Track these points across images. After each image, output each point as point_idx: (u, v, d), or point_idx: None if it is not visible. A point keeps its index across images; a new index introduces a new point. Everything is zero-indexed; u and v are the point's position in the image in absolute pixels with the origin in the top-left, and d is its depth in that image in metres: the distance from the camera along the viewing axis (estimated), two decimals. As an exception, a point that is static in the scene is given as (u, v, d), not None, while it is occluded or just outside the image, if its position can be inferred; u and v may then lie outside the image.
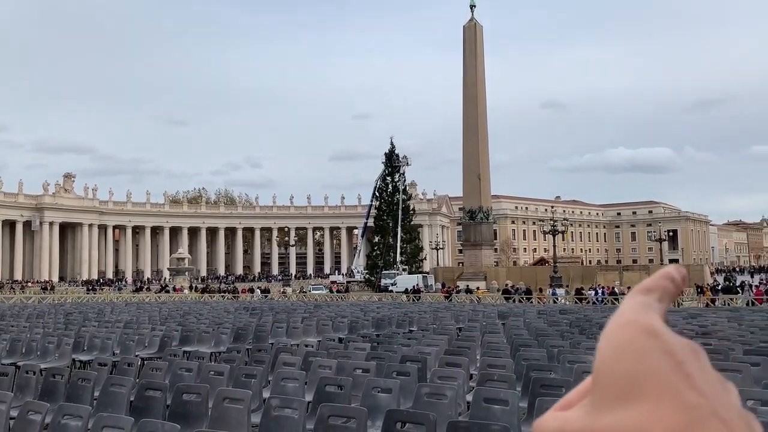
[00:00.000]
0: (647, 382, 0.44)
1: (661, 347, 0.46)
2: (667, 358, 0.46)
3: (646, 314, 0.49)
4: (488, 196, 71.37)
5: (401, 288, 58.58)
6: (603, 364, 0.47)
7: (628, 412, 0.44)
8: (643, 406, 0.44)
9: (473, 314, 23.66)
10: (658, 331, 0.47)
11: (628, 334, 0.47)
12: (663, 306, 0.51)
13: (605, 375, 0.46)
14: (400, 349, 11.48)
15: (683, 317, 20.51)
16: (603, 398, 0.46)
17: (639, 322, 0.48)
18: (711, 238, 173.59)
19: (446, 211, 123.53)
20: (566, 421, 0.47)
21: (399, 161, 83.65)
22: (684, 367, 0.46)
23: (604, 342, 0.48)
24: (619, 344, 0.47)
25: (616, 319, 0.49)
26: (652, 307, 0.50)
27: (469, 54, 70.32)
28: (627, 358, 0.46)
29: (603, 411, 0.45)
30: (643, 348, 0.46)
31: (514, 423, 6.07)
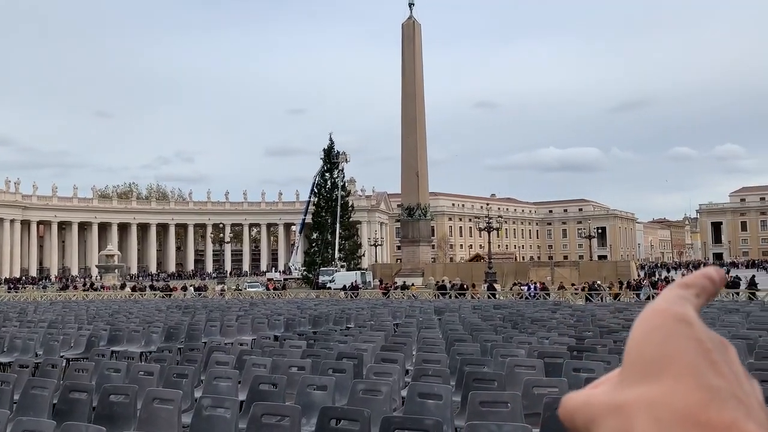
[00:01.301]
0: (673, 362, 0.46)
1: (691, 334, 0.48)
2: (696, 344, 0.48)
3: (682, 304, 0.51)
4: (426, 194, 72.10)
5: (339, 285, 58.35)
6: (633, 345, 0.49)
7: (651, 386, 0.46)
8: (666, 382, 0.46)
9: (410, 310, 23.84)
10: (691, 320, 0.49)
11: (660, 319, 0.49)
12: (699, 301, 0.53)
13: (634, 355, 0.48)
14: (337, 346, 11.44)
15: (611, 311, 21.32)
16: (629, 375, 0.48)
17: (673, 310, 0.50)
18: (637, 235, 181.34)
19: (385, 208, 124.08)
20: (592, 396, 0.50)
21: (338, 157, 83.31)
22: (711, 355, 0.47)
23: (637, 325, 0.50)
24: (651, 327, 0.49)
25: (651, 306, 0.51)
26: (689, 300, 0.52)
27: (407, 51, 70.77)
28: (657, 340, 0.48)
29: (628, 386, 0.47)
30: (673, 332, 0.48)
31: (447, 417, 6.15)
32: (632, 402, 0.46)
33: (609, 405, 0.48)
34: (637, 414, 0.45)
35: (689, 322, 0.49)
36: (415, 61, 70.16)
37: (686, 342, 0.47)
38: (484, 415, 5.97)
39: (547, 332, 13.88)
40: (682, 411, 0.44)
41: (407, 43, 70.77)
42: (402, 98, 71.16)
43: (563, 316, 19.03)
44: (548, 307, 25.39)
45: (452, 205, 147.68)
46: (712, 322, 15.66)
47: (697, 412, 0.43)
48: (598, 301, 38.21)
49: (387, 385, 6.97)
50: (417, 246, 68.96)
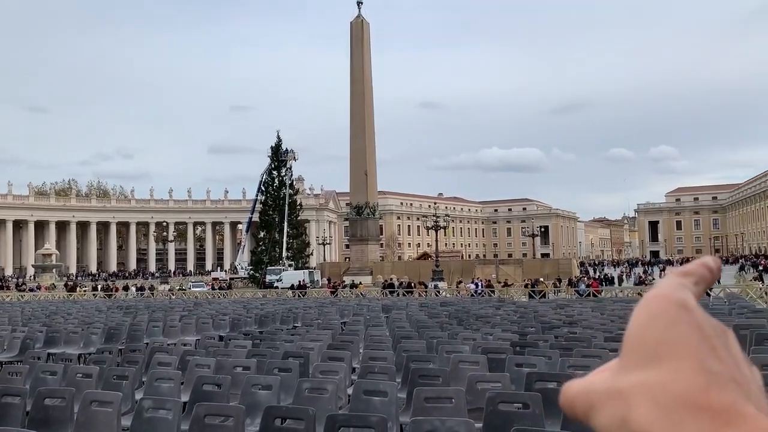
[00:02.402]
0: (673, 348, 0.46)
1: (691, 320, 0.48)
2: (696, 330, 0.48)
3: (681, 291, 0.51)
4: (375, 192, 72.29)
5: (287, 284, 57.86)
6: (633, 331, 0.49)
7: (650, 371, 0.46)
8: (665, 367, 0.46)
9: (358, 309, 23.88)
10: (690, 306, 0.50)
11: (661, 305, 0.49)
12: (698, 290, 0.53)
13: (634, 340, 0.48)
14: (283, 346, 11.37)
15: (552, 308, 21.88)
16: (629, 361, 0.48)
17: (673, 296, 0.50)
18: (578, 233, 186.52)
19: (333, 207, 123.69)
20: (592, 382, 0.50)
21: (286, 155, 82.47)
22: (711, 340, 0.48)
23: (637, 311, 0.50)
24: (652, 313, 0.49)
25: (651, 293, 0.52)
26: (688, 287, 0.52)
27: (356, 50, 70.76)
28: (657, 326, 0.48)
29: (627, 372, 0.47)
30: (674, 318, 0.48)
31: (393, 413, 6.20)
32: (632, 387, 0.46)
33: (608, 391, 0.48)
34: (636, 399, 0.45)
35: (689, 308, 0.49)
36: (364, 59, 70.21)
37: (687, 327, 0.48)
38: (429, 410, 6.05)
39: (492, 328, 14.13)
40: (681, 394, 0.44)
41: (356, 41, 70.77)
42: (351, 97, 71.12)
43: (507, 313, 19.42)
44: (493, 304, 25.86)
45: (401, 204, 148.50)
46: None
47: (697, 395, 0.44)
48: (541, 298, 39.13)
49: (333, 383, 6.97)
50: (365, 245, 69.08)
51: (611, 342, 10.80)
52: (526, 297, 40.32)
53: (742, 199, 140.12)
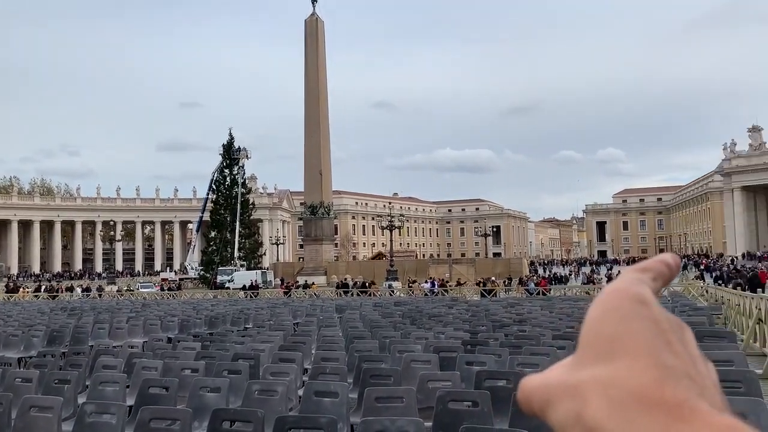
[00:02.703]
0: (629, 342, 0.46)
1: (648, 314, 0.48)
2: (652, 324, 0.48)
3: (639, 286, 0.51)
4: (329, 192, 72.00)
5: (238, 284, 57.11)
6: (589, 325, 0.49)
7: (605, 366, 0.46)
8: (621, 361, 0.45)
9: (311, 309, 23.74)
10: (647, 301, 0.49)
11: (618, 300, 0.49)
12: (656, 285, 0.53)
13: (590, 335, 0.48)
14: (233, 347, 11.20)
15: (503, 306, 22.20)
16: (585, 356, 0.48)
17: (630, 290, 0.50)
18: (529, 233, 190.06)
19: (287, 206, 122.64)
20: (548, 378, 0.49)
21: (238, 153, 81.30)
22: (667, 335, 0.48)
23: (594, 305, 0.50)
24: (608, 308, 0.49)
25: (609, 287, 0.52)
26: (646, 283, 0.52)
27: (310, 48, 70.35)
28: (613, 320, 0.48)
29: (583, 367, 0.47)
30: (630, 312, 0.48)
31: (343, 414, 6.17)
32: (586, 382, 0.46)
33: (564, 386, 0.47)
34: (590, 394, 0.45)
35: (646, 303, 0.49)
36: (318, 57, 69.85)
37: (642, 322, 0.47)
38: (380, 410, 6.05)
39: (444, 327, 14.25)
40: (635, 390, 0.44)
41: (310, 39, 70.35)
42: (305, 96, 70.66)
43: (459, 312, 19.61)
44: (446, 303, 26.08)
45: (355, 204, 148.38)
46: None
47: (651, 390, 0.43)
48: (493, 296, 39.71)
49: (283, 384, 6.90)
50: (320, 244, 68.74)
51: (559, 340, 11.02)
52: (478, 296, 40.84)
53: (685, 200, 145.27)
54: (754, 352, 14.75)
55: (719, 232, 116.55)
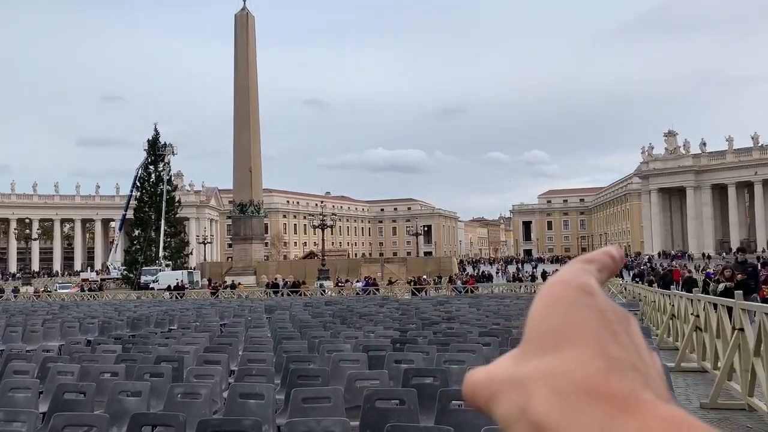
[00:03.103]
0: (574, 332, 0.45)
1: (593, 304, 0.47)
2: (598, 314, 0.47)
3: (584, 276, 0.50)
4: (259, 190, 70.90)
5: (164, 285, 55.43)
6: (534, 316, 0.48)
7: (550, 358, 0.45)
8: (566, 352, 0.45)
9: (239, 310, 23.31)
10: (593, 291, 0.49)
11: (563, 290, 0.48)
12: (601, 276, 0.52)
13: (535, 326, 0.47)
14: (156, 349, 10.85)
15: (433, 304, 22.51)
16: (530, 348, 0.47)
17: (576, 280, 0.49)
18: (459, 233, 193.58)
19: (216, 204, 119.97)
20: (492, 371, 0.48)
21: (163, 149, 78.75)
22: (612, 325, 0.47)
23: (539, 296, 0.49)
24: (553, 298, 0.48)
25: (554, 277, 0.51)
26: (592, 273, 0.51)
27: (240, 43, 69.06)
28: (558, 310, 0.47)
29: (528, 359, 0.46)
30: (575, 302, 0.47)
31: (269, 416, 6.07)
32: (531, 375, 0.45)
33: (508, 379, 0.46)
34: (535, 387, 0.44)
35: (591, 293, 0.48)
36: (249, 53, 68.66)
37: (588, 312, 0.47)
38: (307, 411, 5.99)
39: (374, 326, 14.30)
40: (580, 381, 0.43)
41: (240, 34, 69.06)
42: (235, 91, 69.29)
43: (390, 310, 19.73)
44: (377, 302, 26.19)
45: (287, 203, 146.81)
46: (521, 312, 17.18)
47: (596, 382, 0.43)
48: (423, 294, 40.20)
49: (207, 387, 6.72)
50: (249, 244, 67.58)
51: (485, 336, 11.26)
52: (409, 294, 41.23)
53: (605, 201, 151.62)
54: (668, 346, 15.56)
55: (637, 232, 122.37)
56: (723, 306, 10.82)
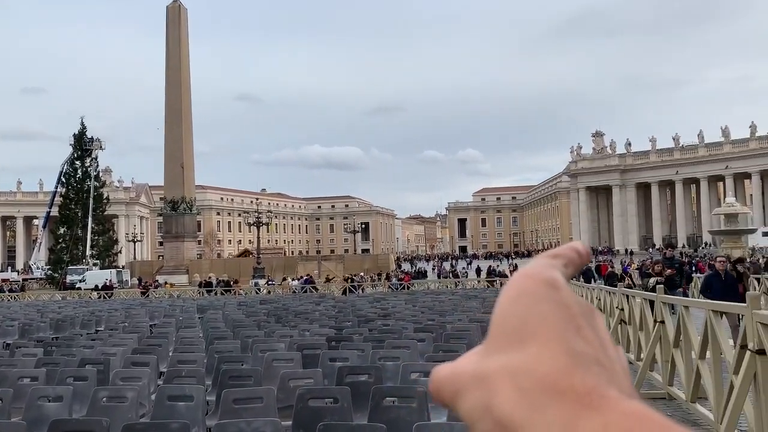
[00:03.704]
0: (539, 327, 0.45)
1: (558, 298, 0.47)
2: (562, 309, 0.47)
3: (550, 270, 0.50)
4: (192, 187, 69.25)
5: (91, 285, 53.35)
6: (499, 312, 0.48)
7: (514, 353, 0.44)
8: (530, 348, 0.44)
9: (170, 309, 22.70)
10: (559, 285, 0.48)
11: (528, 284, 0.48)
12: (568, 272, 0.52)
13: (499, 321, 0.47)
14: (81, 352, 10.42)
15: (369, 301, 22.56)
16: (495, 344, 0.46)
17: (542, 275, 0.49)
18: (396, 230, 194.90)
19: (146, 201, 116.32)
20: (457, 367, 0.47)
21: (91, 144, 75.68)
22: (577, 320, 0.47)
23: (504, 291, 0.49)
24: (518, 291, 0.48)
25: (520, 272, 0.50)
26: (558, 268, 0.51)
27: (172, 36, 67.18)
28: (523, 304, 0.47)
29: (493, 354, 0.46)
30: (540, 296, 0.47)
31: (199, 418, 5.93)
32: (495, 371, 0.44)
33: (473, 375, 0.45)
34: (499, 383, 0.43)
35: (557, 287, 0.48)
36: (181, 46, 66.86)
37: (552, 306, 0.47)
38: (238, 412, 5.87)
39: (310, 324, 14.20)
40: (544, 377, 0.43)
41: (172, 27, 67.18)
42: (166, 85, 67.37)
43: (326, 308, 19.65)
44: (313, 300, 26.03)
45: (221, 200, 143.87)
46: (455, 308, 17.44)
47: (560, 378, 0.42)
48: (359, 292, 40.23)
49: (134, 390, 6.49)
50: (181, 242, 65.90)
51: (420, 332, 11.37)
52: (346, 292, 41.19)
53: (536, 199, 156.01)
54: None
55: (566, 229, 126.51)
56: (645, 300, 11.32)
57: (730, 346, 7.32)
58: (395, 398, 6.20)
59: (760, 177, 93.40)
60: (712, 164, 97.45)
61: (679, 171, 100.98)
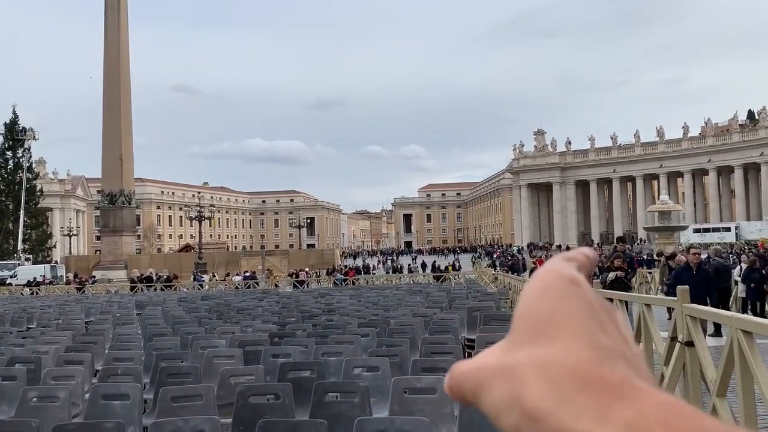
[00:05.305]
0: (565, 322, 0.46)
1: (581, 295, 0.48)
2: (586, 305, 0.48)
3: (570, 269, 0.51)
4: (131, 179, 67.14)
5: (22, 280, 51.20)
6: (523, 306, 0.49)
7: (541, 346, 0.45)
8: (557, 342, 0.45)
9: (107, 306, 22.00)
10: (581, 282, 0.50)
11: (551, 280, 0.49)
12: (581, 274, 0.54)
13: (524, 315, 0.48)
14: (10, 350, 9.97)
15: (314, 297, 22.44)
16: (520, 337, 0.47)
17: (564, 272, 0.50)
18: (342, 225, 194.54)
19: (83, 194, 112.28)
20: (481, 361, 0.48)
21: (23, 134, 72.51)
22: (600, 315, 0.48)
23: (528, 287, 0.50)
24: (542, 287, 0.49)
25: (542, 269, 0.52)
26: (573, 268, 0.53)
27: (111, 22, 64.84)
28: (548, 299, 0.48)
29: (518, 348, 0.46)
30: (564, 292, 0.48)
31: (134, 417, 5.76)
32: (523, 363, 0.45)
33: (499, 368, 0.46)
34: (527, 375, 0.44)
35: (579, 284, 0.49)
36: (120, 31, 64.63)
37: (577, 302, 0.47)
38: (176, 410, 5.74)
39: (252, 320, 14.01)
40: (573, 368, 0.43)
41: (111, 13, 64.83)
42: (104, 74, 65.02)
43: (269, 304, 19.43)
44: (256, 296, 25.70)
45: (161, 193, 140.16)
46: (399, 303, 17.55)
47: (590, 369, 0.43)
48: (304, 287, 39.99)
49: (66, 389, 6.25)
50: (120, 236, 63.85)
51: (365, 327, 11.38)
52: (290, 287, 40.85)
53: (480, 195, 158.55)
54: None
55: (509, 224, 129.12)
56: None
57: (662, 338, 7.62)
58: (338, 393, 6.19)
59: (692, 176, 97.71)
60: (647, 163, 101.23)
61: (617, 169, 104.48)
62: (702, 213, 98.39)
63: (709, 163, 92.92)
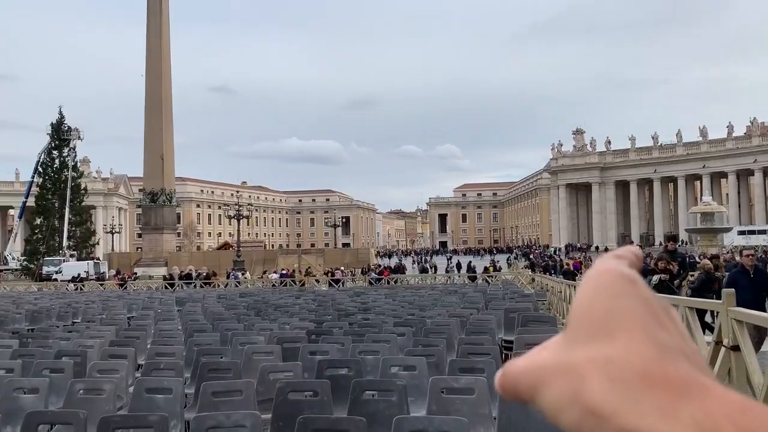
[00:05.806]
0: (624, 320, 0.46)
1: (637, 293, 0.48)
2: (642, 303, 0.47)
3: (624, 266, 0.51)
4: (172, 178, 68.56)
5: (67, 276, 52.66)
6: (581, 303, 0.48)
7: (601, 344, 0.45)
8: (616, 340, 0.45)
9: (149, 302, 22.49)
10: (637, 280, 0.49)
11: (608, 278, 0.49)
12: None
13: (582, 313, 0.47)
14: (57, 344, 10.30)
15: (350, 295, 22.55)
16: (577, 334, 0.47)
17: (619, 270, 0.50)
18: (377, 224, 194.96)
19: (125, 192, 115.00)
20: (537, 359, 0.48)
21: (69, 134, 74.56)
22: (657, 313, 0.48)
23: (583, 285, 0.49)
24: (599, 285, 0.48)
25: (596, 267, 0.51)
26: (626, 266, 0.52)
27: (153, 26, 66.34)
28: (605, 298, 0.47)
29: (576, 346, 0.46)
30: (621, 290, 0.48)
31: (177, 411, 5.89)
32: (583, 361, 0.44)
33: (557, 366, 0.45)
34: (589, 373, 0.44)
35: (635, 282, 0.49)
36: (162, 33, 66.03)
37: (634, 300, 0.47)
38: (217, 405, 5.85)
39: (289, 318, 14.15)
40: (638, 366, 0.43)
41: (153, 16, 66.31)
42: (146, 75, 66.53)
43: (306, 302, 19.60)
44: (293, 294, 25.95)
45: (201, 192, 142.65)
46: (435, 303, 17.50)
47: (653, 367, 0.43)
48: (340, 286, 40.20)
49: (111, 382, 6.43)
50: (160, 234, 65.26)
51: (401, 327, 11.39)
52: (326, 285, 41.12)
53: (517, 195, 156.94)
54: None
55: (546, 225, 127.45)
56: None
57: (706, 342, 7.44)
58: (375, 392, 6.21)
59: (736, 176, 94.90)
60: (689, 163, 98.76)
61: (658, 169, 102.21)
62: (747, 214, 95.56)
63: (754, 164, 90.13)
